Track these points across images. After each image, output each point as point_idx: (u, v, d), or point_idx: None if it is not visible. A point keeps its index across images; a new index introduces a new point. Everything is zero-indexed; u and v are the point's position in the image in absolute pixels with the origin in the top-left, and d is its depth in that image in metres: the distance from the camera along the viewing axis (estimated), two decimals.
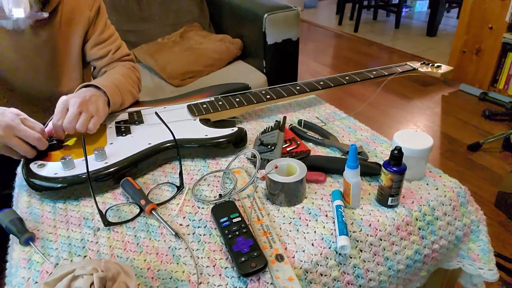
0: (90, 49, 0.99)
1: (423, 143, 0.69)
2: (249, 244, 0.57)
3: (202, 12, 1.97)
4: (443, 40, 3.64)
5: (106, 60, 1.00)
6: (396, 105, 2.48)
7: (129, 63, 1.04)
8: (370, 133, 0.88)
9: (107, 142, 0.78)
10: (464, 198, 0.72)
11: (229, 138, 0.79)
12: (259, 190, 0.71)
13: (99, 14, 0.99)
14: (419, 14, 4.64)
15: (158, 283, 0.54)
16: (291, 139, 0.83)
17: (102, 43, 1.00)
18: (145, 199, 0.66)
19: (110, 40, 1.01)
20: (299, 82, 0.98)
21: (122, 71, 0.98)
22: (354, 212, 0.66)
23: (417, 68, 1.04)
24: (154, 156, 0.76)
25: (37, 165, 0.71)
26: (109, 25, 1.02)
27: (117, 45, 1.02)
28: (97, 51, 0.99)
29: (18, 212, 0.67)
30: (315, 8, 5.10)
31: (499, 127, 2.20)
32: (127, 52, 1.06)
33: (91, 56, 1.00)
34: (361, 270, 0.61)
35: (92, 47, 0.99)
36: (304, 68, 3.12)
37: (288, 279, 0.54)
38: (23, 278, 0.56)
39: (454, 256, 0.76)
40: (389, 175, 0.63)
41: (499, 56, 2.28)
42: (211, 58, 1.67)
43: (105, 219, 0.64)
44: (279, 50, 1.64)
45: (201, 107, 0.90)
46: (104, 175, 0.70)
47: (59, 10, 0.90)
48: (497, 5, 2.20)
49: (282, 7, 1.60)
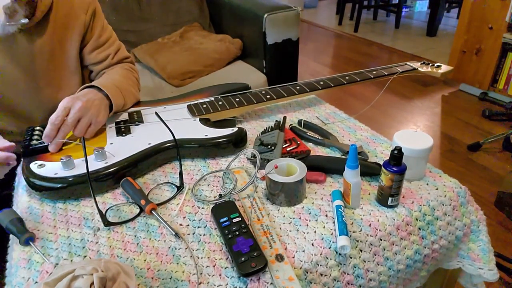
0: (89, 53, 0.97)
1: (423, 143, 0.69)
2: (249, 244, 0.57)
3: (202, 12, 1.97)
4: (443, 40, 3.64)
5: (105, 64, 0.99)
6: (396, 105, 2.48)
7: (128, 64, 1.04)
8: (370, 133, 0.88)
9: (107, 142, 0.78)
10: (464, 198, 0.72)
11: (229, 138, 0.79)
12: (259, 190, 0.71)
13: (95, 17, 0.96)
14: (419, 14, 4.64)
15: (158, 283, 0.54)
16: (291, 139, 0.83)
17: (101, 46, 0.98)
18: (145, 199, 0.66)
19: (109, 43, 0.99)
20: (299, 82, 0.98)
21: (121, 72, 0.97)
22: (354, 212, 0.66)
23: (417, 68, 1.04)
24: (154, 156, 0.76)
25: (37, 165, 0.71)
26: (106, 26, 1.00)
27: (116, 48, 1.01)
28: (96, 55, 0.97)
29: (18, 212, 0.67)
30: (315, 8, 5.10)
31: (499, 127, 2.20)
32: (126, 55, 1.04)
33: (90, 61, 0.98)
34: (361, 270, 0.61)
35: (91, 51, 0.97)
36: (304, 68, 3.12)
37: (288, 279, 0.54)
38: (23, 278, 0.56)
39: (454, 256, 0.76)
40: (389, 175, 0.63)
41: (499, 56, 2.28)
42: (211, 58, 1.67)
43: (105, 219, 0.64)
44: (279, 50, 1.64)
45: (201, 107, 0.90)
46: (104, 175, 0.70)
47: (51, 15, 0.87)
48: (497, 5, 2.20)
49: (282, 7, 1.60)
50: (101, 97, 0.82)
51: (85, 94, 0.81)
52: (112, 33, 1.02)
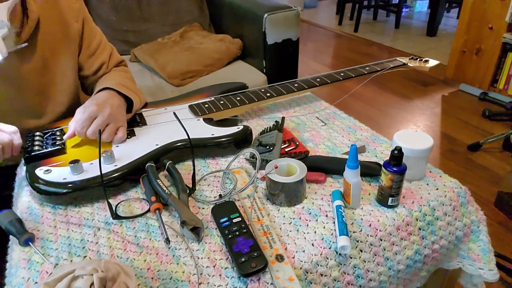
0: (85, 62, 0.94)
1: (423, 143, 0.69)
2: (249, 244, 0.57)
3: (202, 12, 1.97)
4: (443, 40, 3.63)
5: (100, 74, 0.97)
6: (396, 105, 2.48)
7: (123, 67, 1.02)
8: (370, 133, 0.88)
9: (112, 146, 0.78)
10: (464, 198, 0.72)
11: (235, 136, 0.80)
12: (259, 190, 0.71)
13: (85, 23, 0.93)
14: (419, 14, 4.64)
15: (158, 283, 0.54)
16: (289, 139, 0.83)
17: (94, 53, 0.95)
18: (156, 196, 0.67)
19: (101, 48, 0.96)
20: (297, 79, 1.00)
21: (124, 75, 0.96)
22: (354, 212, 0.66)
23: (406, 63, 1.09)
24: (161, 157, 0.76)
25: (43, 171, 0.70)
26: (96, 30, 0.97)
27: (109, 53, 0.98)
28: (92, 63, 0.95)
29: (18, 213, 0.67)
30: (315, 8, 5.10)
31: (499, 127, 2.20)
32: (119, 59, 1.02)
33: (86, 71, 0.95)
34: (361, 270, 0.61)
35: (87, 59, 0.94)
36: (304, 68, 3.12)
37: (288, 279, 0.54)
38: (23, 279, 0.56)
39: (454, 256, 0.76)
40: (389, 175, 0.63)
41: (499, 56, 2.28)
42: (211, 58, 1.67)
43: (114, 212, 0.64)
44: (279, 50, 1.64)
45: (203, 107, 0.90)
46: (114, 178, 0.70)
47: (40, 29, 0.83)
48: (497, 5, 2.20)
49: (282, 7, 1.60)
50: (121, 100, 0.82)
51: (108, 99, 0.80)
52: (102, 37, 0.99)
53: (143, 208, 0.68)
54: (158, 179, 0.68)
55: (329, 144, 0.84)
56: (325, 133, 0.88)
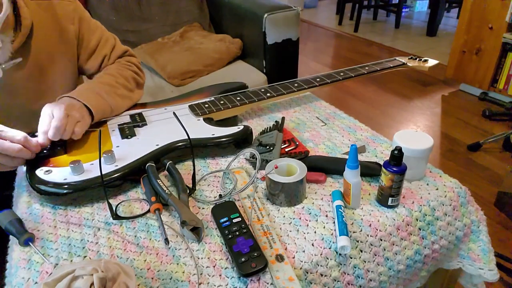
0: (85, 62, 0.93)
1: (423, 143, 0.69)
2: (249, 244, 0.57)
3: (202, 12, 1.97)
4: (443, 40, 3.63)
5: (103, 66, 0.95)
6: (396, 105, 2.48)
7: (124, 59, 0.98)
8: (370, 133, 0.88)
9: (113, 146, 0.78)
10: (464, 198, 0.72)
11: (235, 136, 0.80)
12: (259, 190, 0.71)
13: (82, 24, 0.90)
14: (419, 14, 4.64)
15: (158, 283, 0.54)
16: (290, 139, 0.83)
17: (94, 51, 0.93)
18: (156, 197, 0.66)
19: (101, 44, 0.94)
20: (297, 79, 1.00)
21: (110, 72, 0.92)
22: (354, 212, 0.66)
23: (405, 63, 1.09)
24: (163, 157, 0.76)
25: (44, 172, 0.70)
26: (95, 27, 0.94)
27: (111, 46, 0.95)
28: (93, 61, 0.93)
29: (18, 213, 0.67)
30: (315, 8, 5.10)
31: (499, 127, 2.20)
32: (123, 49, 0.98)
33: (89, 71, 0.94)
34: (361, 270, 0.61)
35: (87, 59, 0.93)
36: (304, 68, 3.12)
37: (288, 279, 0.54)
38: (23, 279, 0.56)
39: (454, 256, 0.76)
40: (389, 175, 0.63)
41: (499, 56, 2.28)
42: (211, 58, 1.67)
43: (114, 213, 0.64)
44: (279, 50, 1.64)
45: (203, 106, 0.90)
46: (115, 178, 0.69)
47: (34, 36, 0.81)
48: (497, 5, 2.20)
49: (282, 7, 1.60)
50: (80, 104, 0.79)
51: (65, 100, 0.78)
52: (102, 31, 0.95)
53: (143, 208, 0.68)
54: (158, 179, 0.68)
55: (329, 144, 0.84)
56: (325, 133, 0.88)
